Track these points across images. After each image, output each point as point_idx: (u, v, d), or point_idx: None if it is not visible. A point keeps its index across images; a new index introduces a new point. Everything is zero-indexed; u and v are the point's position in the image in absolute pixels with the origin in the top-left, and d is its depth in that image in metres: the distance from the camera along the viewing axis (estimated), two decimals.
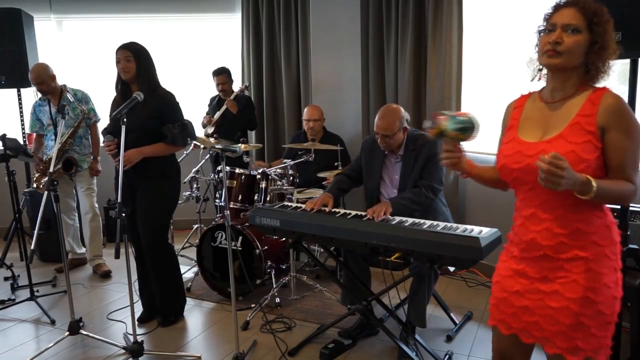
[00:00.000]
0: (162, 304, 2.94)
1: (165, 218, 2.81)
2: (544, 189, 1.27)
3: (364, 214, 2.38)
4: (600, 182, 1.26)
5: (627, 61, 2.10)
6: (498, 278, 1.50)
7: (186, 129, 2.73)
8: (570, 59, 1.32)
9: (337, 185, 2.76)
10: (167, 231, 2.88)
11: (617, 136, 1.28)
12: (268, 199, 3.29)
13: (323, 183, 3.60)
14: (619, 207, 2.14)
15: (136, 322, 2.69)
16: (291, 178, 3.34)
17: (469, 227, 2.13)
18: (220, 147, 2.33)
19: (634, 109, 2.08)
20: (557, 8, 1.34)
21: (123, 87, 2.71)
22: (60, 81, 3.64)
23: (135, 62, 2.64)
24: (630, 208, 2.35)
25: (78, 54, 4.82)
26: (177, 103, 2.76)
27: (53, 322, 2.98)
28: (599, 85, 1.35)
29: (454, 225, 2.19)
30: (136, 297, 3.00)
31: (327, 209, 2.48)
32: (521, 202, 1.40)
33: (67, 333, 2.63)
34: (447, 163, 1.50)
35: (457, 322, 2.87)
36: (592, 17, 1.29)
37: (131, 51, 2.65)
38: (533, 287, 1.39)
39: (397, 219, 2.29)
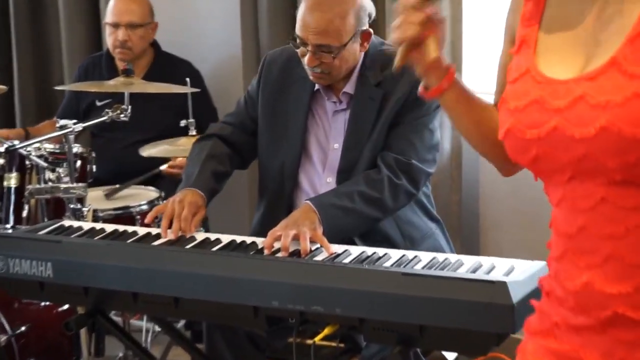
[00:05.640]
0: None
1: None
2: (598, 176, 1.36)
3: (249, 240, 2.50)
4: None
5: None
6: None
7: None
8: None
9: (210, 164, 2.78)
10: None
11: None
12: (25, 214, 3.34)
13: (162, 169, 3.70)
14: None
15: None
16: (79, 163, 3.35)
17: (484, 259, 2.26)
18: None
19: None
20: None
21: None
22: None
23: None
24: None
25: None
26: None
27: None
28: None
29: (453, 257, 2.31)
30: None
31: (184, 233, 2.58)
32: (559, 207, 1.51)
33: None
34: (399, 35, 1.61)
35: None
36: None
37: None
38: None
39: (332, 249, 2.40)
